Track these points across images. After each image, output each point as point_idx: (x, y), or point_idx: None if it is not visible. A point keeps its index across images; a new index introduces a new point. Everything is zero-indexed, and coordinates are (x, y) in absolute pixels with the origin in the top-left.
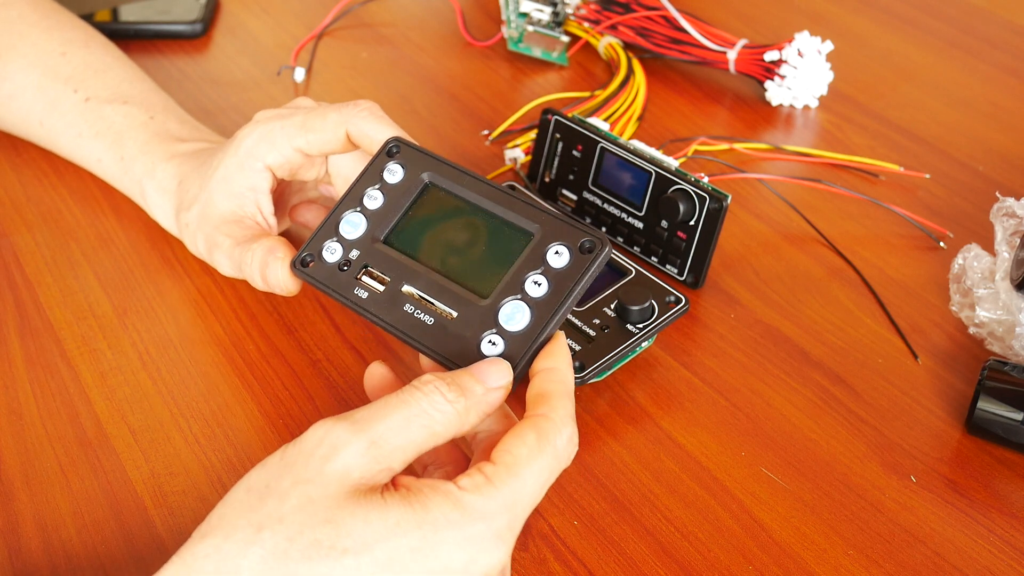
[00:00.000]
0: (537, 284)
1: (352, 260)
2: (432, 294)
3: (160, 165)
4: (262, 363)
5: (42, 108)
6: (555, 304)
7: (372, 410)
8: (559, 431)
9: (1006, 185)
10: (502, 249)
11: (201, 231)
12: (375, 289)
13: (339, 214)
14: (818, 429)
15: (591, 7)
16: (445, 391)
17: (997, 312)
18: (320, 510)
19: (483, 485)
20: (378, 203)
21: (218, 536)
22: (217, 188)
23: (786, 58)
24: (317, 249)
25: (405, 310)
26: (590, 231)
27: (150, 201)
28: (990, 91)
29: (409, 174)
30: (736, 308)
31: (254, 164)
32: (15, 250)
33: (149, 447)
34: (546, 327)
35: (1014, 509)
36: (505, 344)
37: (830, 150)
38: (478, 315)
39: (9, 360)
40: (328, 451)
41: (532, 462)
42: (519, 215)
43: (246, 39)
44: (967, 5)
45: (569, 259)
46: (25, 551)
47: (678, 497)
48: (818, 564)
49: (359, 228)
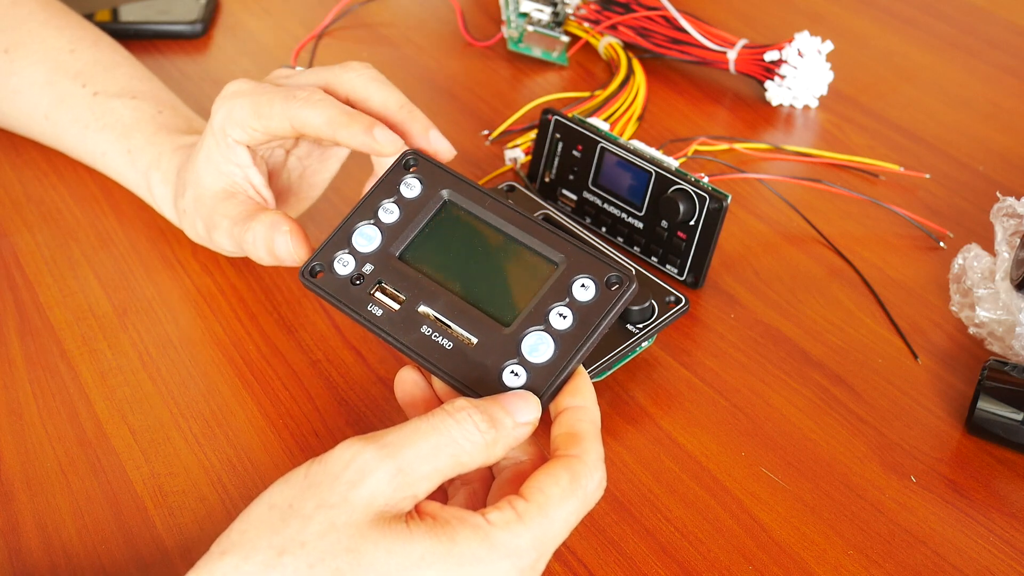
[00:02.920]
0: (562, 316)
1: (365, 274)
2: (451, 317)
3: (166, 156)
4: (262, 363)
5: (48, 102)
6: (580, 338)
7: (401, 434)
8: (591, 474)
9: (1006, 185)
10: (524, 276)
11: (198, 214)
12: (390, 307)
13: (351, 225)
14: (818, 429)
15: (591, 7)
16: (478, 421)
17: (997, 312)
18: (343, 538)
19: (513, 522)
20: (394, 217)
21: (238, 555)
22: (203, 168)
23: (786, 58)
24: (328, 259)
25: (423, 332)
26: (616, 265)
27: (155, 192)
28: (990, 91)
29: (427, 189)
30: (736, 308)
31: (226, 140)
32: (15, 250)
33: (149, 447)
34: (571, 361)
35: (1014, 509)
36: (528, 376)
37: (830, 150)
38: (500, 343)
39: (9, 360)
40: (355, 476)
41: (563, 503)
42: (542, 243)
43: (246, 39)
44: (967, 5)
45: (595, 293)
46: (25, 551)
47: (678, 497)
48: (818, 564)
49: (373, 241)
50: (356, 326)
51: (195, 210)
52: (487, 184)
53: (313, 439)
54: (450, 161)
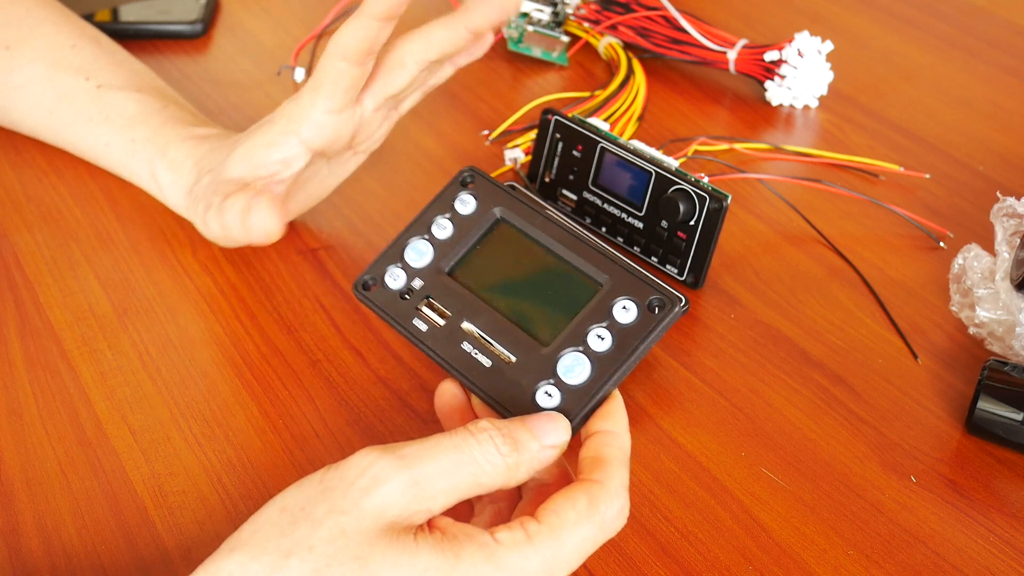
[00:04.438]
0: (600, 338)
1: (415, 289)
2: (492, 335)
3: (173, 144)
4: (262, 363)
5: (52, 97)
6: (618, 361)
7: (421, 448)
8: (611, 501)
9: (1006, 185)
10: (568, 296)
11: (203, 198)
12: (435, 322)
13: (405, 239)
14: (818, 429)
15: (591, 7)
16: (500, 443)
17: (997, 312)
18: (351, 545)
19: (522, 543)
20: (447, 233)
21: (246, 554)
22: (240, 154)
23: (786, 58)
24: (380, 273)
25: (463, 348)
26: (661, 289)
27: (160, 179)
28: (990, 91)
29: (481, 207)
30: (736, 308)
31: (295, 133)
32: (15, 250)
33: (149, 447)
34: (605, 384)
35: (1014, 509)
36: (562, 397)
37: (830, 150)
38: (536, 363)
39: (9, 360)
40: (369, 483)
41: (577, 528)
42: (589, 263)
43: (246, 39)
44: (967, 5)
45: (636, 315)
46: (25, 551)
47: (678, 497)
48: (818, 564)
49: (425, 257)
50: (356, 325)
51: (203, 193)
52: None
53: (313, 439)
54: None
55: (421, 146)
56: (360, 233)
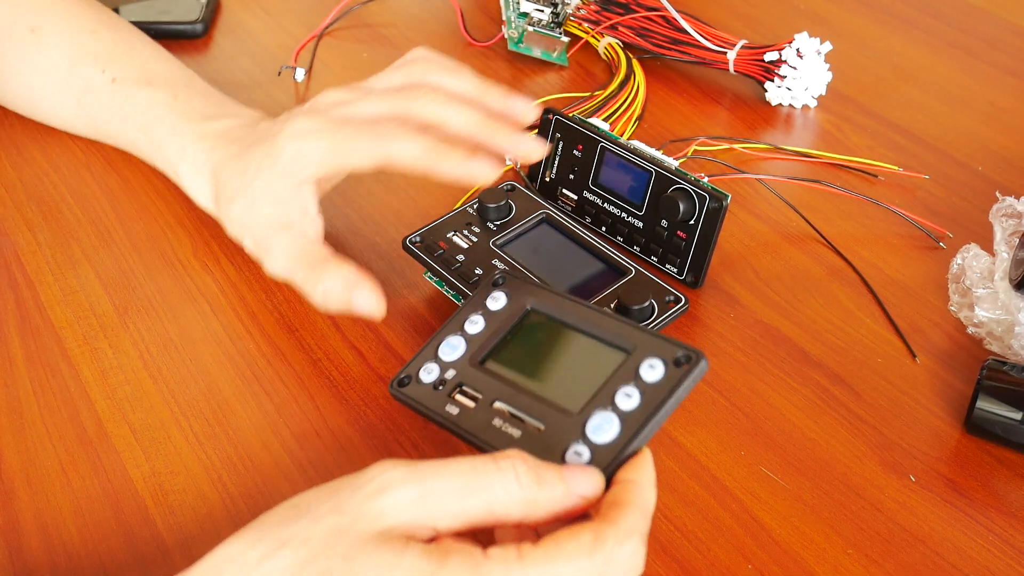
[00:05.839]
0: (628, 396)
1: (447, 380)
2: (522, 410)
3: (190, 147)
4: (263, 362)
5: (79, 87)
6: (645, 416)
7: (438, 465)
8: (620, 541)
9: (1006, 185)
10: (596, 365)
11: (247, 233)
12: (467, 406)
13: (441, 337)
14: (818, 429)
15: (591, 7)
16: (522, 474)
17: (996, 312)
18: (343, 543)
19: (511, 560)
20: (479, 327)
21: (246, 542)
22: (261, 195)
23: (785, 58)
24: (415, 370)
25: (494, 424)
26: (686, 347)
27: (186, 183)
28: (990, 91)
29: (512, 303)
30: (736, 308)
31: (295, 179)
32: (16, 249)
33: (150, 446)
34: (633, 439)
35: (1013, 508)
36: (591, 455)
37: (829, 150)
38: (566, 427)
39: (10, 359)
40: (376, 489)
41: (573, 560)
42: (617, 333)
43: (246, 39)
44: (967, 5)
45: (663, 372)
46: (25, 550)
47: (678, 497)
48: (818, 563)
49: (458, 350)
50: (357, 325)
51: (244, 226)
52: None
53: (314, 438)
54: None
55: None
56: (360, 233)
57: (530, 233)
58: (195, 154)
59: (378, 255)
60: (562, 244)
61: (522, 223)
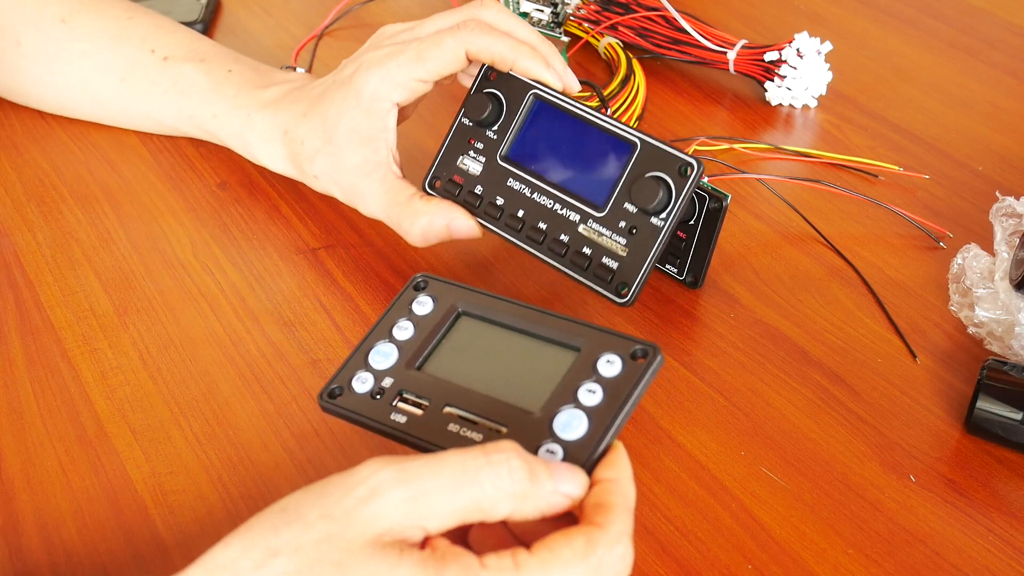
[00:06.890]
0: (591, 392)
1: (385, 388)
2: (477, 412)
3: (256, 115)
4: (262, 362)
5: (123, 65)
6: (612, 412)
7: (426, 463)
8: (610, 546)
9: (1006, 185)
10: (547, 365)
11: (336, 183)
12: (414, 413)
13: (369, 345)
14: (818, 429)
15: (591, 7)
16: (515, 467)
17: (996, 312)
18: (335, 550)
19: (508, 570)
20: (408, 333)
21: (237, 549)
22: (346, 140)
23: (786, 58)
24: (346, 380)
25: (450, 429)
26: (638, 340)
27: (257, 152)
28: (990, 91)
29: (439, 305)
30: (736, 308)
31: (382, 106)
32: (16, 249)
33: (149, 446)
34: (605, 435)
35: (1013, 508)
36: (564, 453)
37: (829, 150)
38: (531, 427)
39: (10, 359)
40: (366, 493)
41: (569, 566)
42: (561, 332)
43: (246, 39)
44: (967, 5)
45: (622, 367)
46: (25, 550)
47: (678, 497)
48: (817, 563)
49: (390, 358)
50: (356, 325)
51: (331, 178)
52: None
53: (314, 438)
54: None
55: (421, 146)
56: (360, 233)
57: (531, 127)
58: (261, 121)
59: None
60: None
61: (518, 115)
